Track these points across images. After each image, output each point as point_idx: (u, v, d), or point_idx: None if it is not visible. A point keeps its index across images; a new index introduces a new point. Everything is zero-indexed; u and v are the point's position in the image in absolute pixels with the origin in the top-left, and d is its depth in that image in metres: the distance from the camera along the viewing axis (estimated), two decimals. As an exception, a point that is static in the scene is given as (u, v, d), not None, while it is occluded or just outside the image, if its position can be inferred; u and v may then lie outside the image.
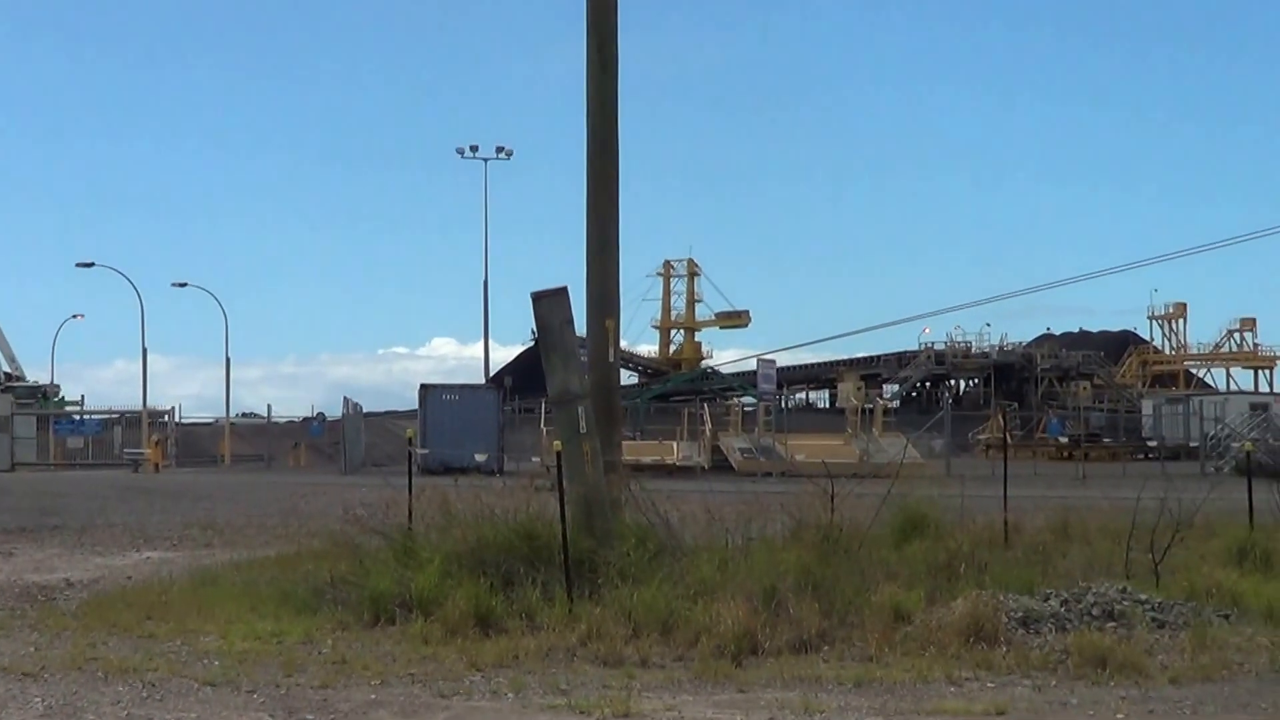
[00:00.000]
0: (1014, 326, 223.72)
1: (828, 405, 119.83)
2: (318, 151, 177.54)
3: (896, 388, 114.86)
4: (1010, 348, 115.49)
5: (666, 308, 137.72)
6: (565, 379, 17.15)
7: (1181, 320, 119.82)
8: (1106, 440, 79.93)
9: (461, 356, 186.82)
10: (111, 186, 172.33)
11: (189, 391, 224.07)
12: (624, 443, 21.90)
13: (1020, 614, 14.72)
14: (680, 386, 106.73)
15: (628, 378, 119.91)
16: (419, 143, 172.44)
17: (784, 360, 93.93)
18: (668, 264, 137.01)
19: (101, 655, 13.86)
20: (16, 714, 11.41)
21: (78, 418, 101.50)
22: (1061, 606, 15.05)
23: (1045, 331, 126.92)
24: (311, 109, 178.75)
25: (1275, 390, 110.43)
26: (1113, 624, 14.66)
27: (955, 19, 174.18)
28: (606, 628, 14.07)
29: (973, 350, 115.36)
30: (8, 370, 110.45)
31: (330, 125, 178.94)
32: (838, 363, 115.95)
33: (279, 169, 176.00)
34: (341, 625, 15.25)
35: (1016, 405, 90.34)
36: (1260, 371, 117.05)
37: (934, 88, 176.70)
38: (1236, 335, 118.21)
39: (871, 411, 69.53)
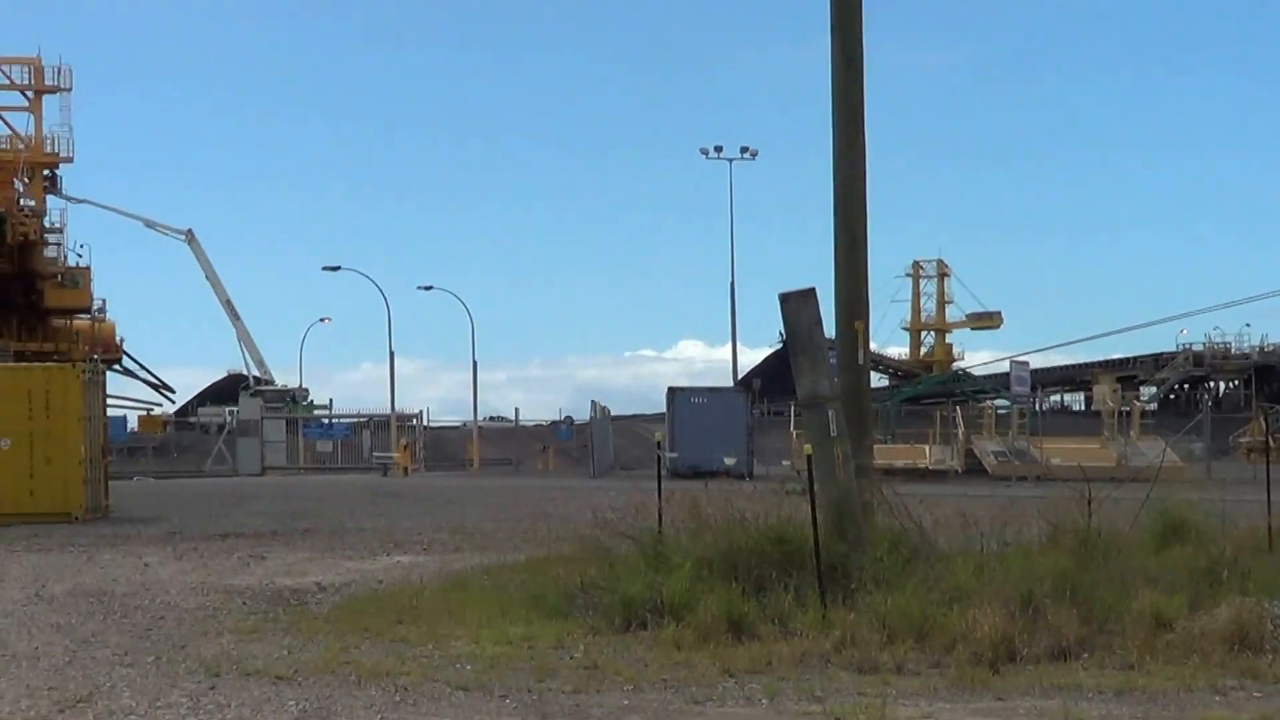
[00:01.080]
0: (1276, 327, 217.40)
1: (1083, 408, 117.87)
2: (563, 154, 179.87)
3: (1153, 390, 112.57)
4: (1272, 348, 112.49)
5: (916, 309, 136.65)
6: (814, 381, 17.13)
7: None
8: (1378, 443, 76.88)
9: (709, 359, 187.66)
10: (358, 189, 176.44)
11: (436, 395, 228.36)
12: (875, 446, 21.78)
13: (1287, 622, 14.33)
14: (931, 389, 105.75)
15: (878, 380, 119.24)
16: (664, 143, 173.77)
17: (1037, 362, 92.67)
18: (917, 265, 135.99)
19: (354, 659, 14.11)
20: (272, 716, 11.66)
21: (326, 421, 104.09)
22: (1331, 615, 14.61)
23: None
24: (557, 111, 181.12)
25: None
26: (1387, 633, 14.18)
27: None
28: (860, 634, 14.02)
29: (1233, 351, 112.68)
30: (257, 374, 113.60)
31: (576, 127, 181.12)
32: (1092, 364, 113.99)
33: (525, 172, 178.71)
34: (593, 630, 15.37)
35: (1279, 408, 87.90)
36: None
37: (1193, 68, 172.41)
38: None
39: (1128, 414, 68.29)
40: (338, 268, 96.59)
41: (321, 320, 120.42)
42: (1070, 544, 16.54)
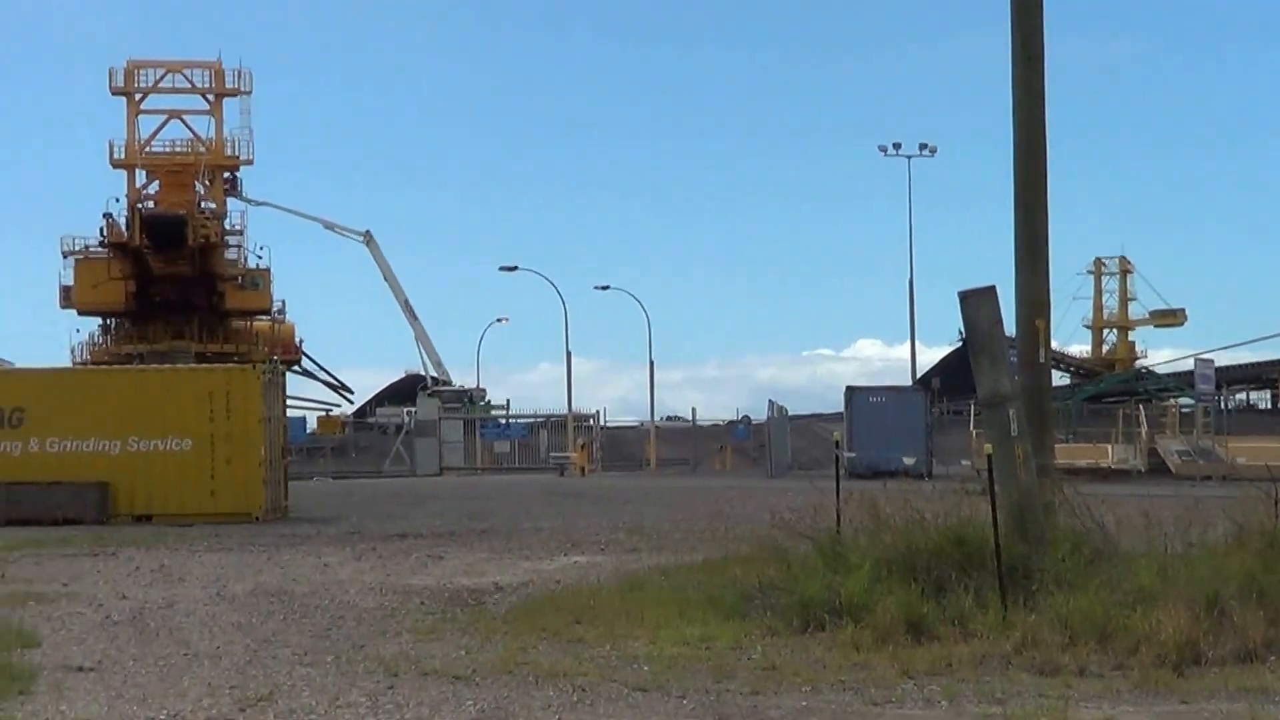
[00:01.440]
0: None
1: (1269, 406, 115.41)
2: (740, 152, 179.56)
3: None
4: None
5: (1098, 306, 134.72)
6: (995, 380, 16.99)
7: None
8: None
9: (887, 358, 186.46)
10: (535, 189, 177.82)
11: (613, 394, 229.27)
12: (1056, 445, 21.56)
13: None
14: (1114, 387, 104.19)
15: (1059, 379, 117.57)
16: (841, 140, 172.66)
17: (1222, 359, 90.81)
18: (1099, 261, 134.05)
19: (531, 659, 14.19)
20: (450, 716, 11.77)
21: (504, 422, 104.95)
22: None
23: None
24: (733, 108, 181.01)
25: None
26: None
27: None
28: (1042, 635, 13.88)
29: None
30: (434, 375, 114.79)
31: (752, 124, 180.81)
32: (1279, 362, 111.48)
33: (701, 170, 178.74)
34: (770, 631, 15.36)
35: None
36: None
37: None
38: None
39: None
40: (515, 268, 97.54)
41: (499, 320, 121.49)
42: (1257, 545, 16.20)
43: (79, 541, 29.78)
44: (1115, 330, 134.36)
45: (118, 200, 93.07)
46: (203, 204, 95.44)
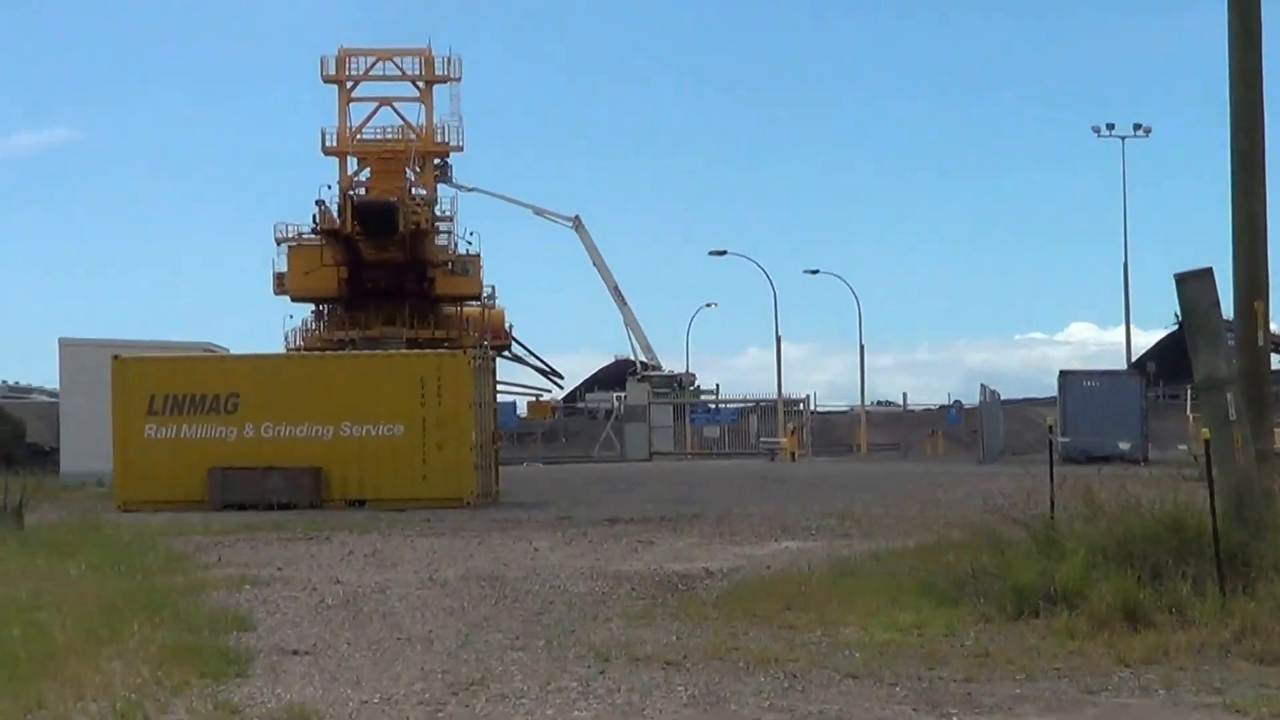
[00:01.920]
0: None
1: None
2: (949, 133, 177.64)
3: None
4: None
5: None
6: (1212, 364, 16.69)
7: None
8: None
9: (1101, 341, 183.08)
10: (744, 172, 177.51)
11: (823, 379, 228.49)
12: (1276, 430, 21.11)
13: None
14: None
15: (1278, 362, 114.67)
16: (1053, 120, 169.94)
17: None
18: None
19: (742, 645, 14.27)
20: (661, 702, 11.89)
21: (713, 407, 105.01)
22: None
23: None
24: (942, 85, 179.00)
25: None
26: None
27: None
28: (1262, 623, 13.64)
29: None
30: (644, 360, 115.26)
31: (963, 103, 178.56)
32: None
33: (910, 153, 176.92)
34: (983, 618, 15.28)
35: None
36: None
37: None
38: None
39: None
40: (724, 252, 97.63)
41: (708, 305, 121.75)
42: None
43: (293, 526, 30.50)
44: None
45: (330, 188, 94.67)
46: (413, 190, 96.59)
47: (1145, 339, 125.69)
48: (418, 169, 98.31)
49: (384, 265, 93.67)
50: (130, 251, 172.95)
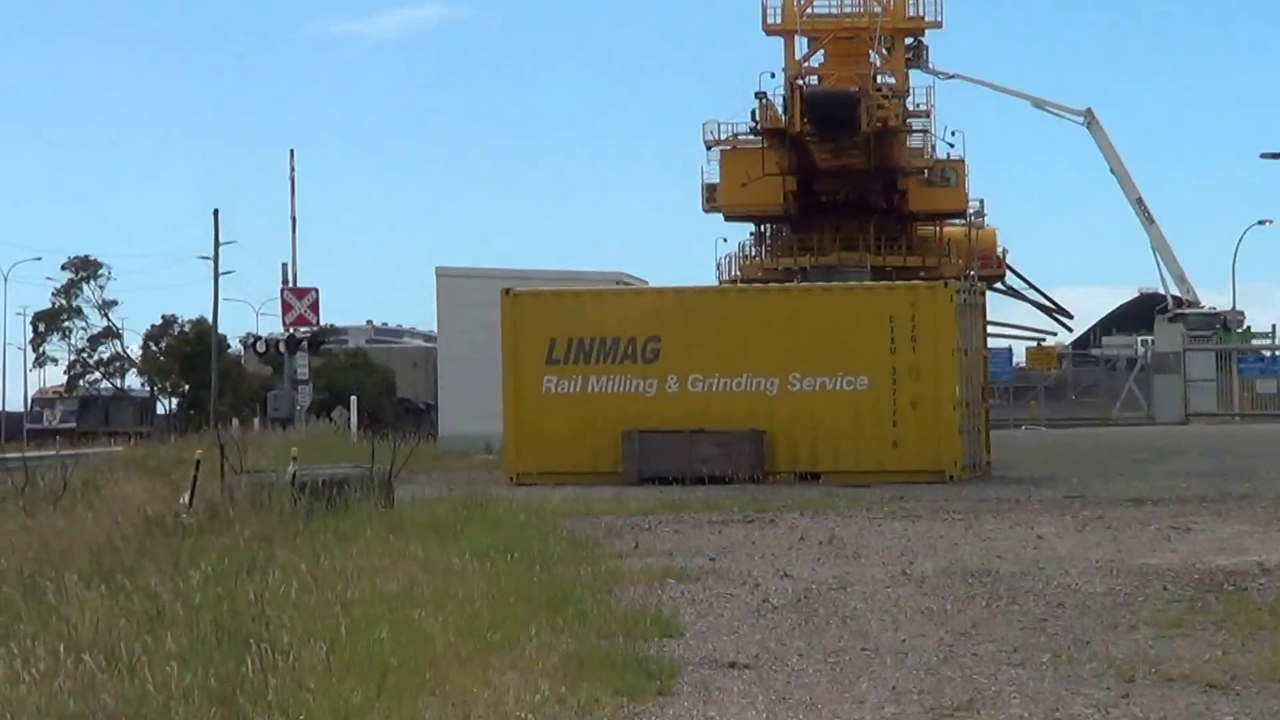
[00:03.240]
0: None
1: None
2: None
3: None
4: None
5: None
6: None
7: None
8: None
9: None
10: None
11: None
12: None
13: None
14: None
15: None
16: None
17: None
18: None
19: (1313, 664, 13.93)
20: (1207, 735, 11.67)
21: (1267, 354, 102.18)
22: None
23: None
24: None
25: None
26: None
27: None
28: None
29: None
30: (1176, 293, 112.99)
31: None
32: None
33: None
34: None
35: None
36: None
37: None
38: None
39: None
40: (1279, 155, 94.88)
41: (1260, 223, 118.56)
42: None
43: (729, 505, 30.83)
44: None
45: (773, 76, 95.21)
46: (879, 78, 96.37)
47: None
48: (884, 51, 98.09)
49: (842, 174, 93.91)
50: (519, 162, 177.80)
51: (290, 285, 66.89)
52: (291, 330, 62.91)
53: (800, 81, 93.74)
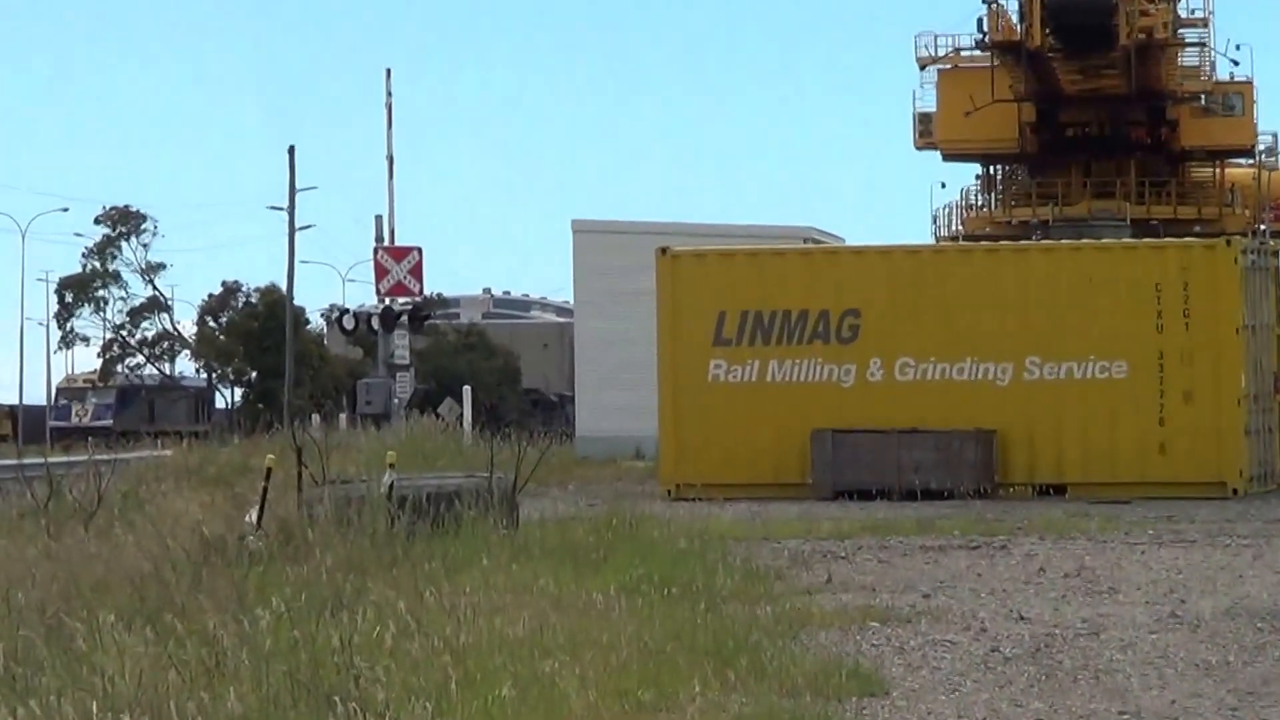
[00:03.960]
0: None
1: None
2: None
3: None
4: None
5: None
6: None
7: None
8: None
9: None
10: None
11: None
12: None
13: None
14: None
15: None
16: None
17: None
18: None
19: None
20: None
21: None
22: None
23: None
24: None
25: None
26: None
27: None
28: None
29: None
30: None
31: None
32: None
33: None
34: None
35: None
36: None
37: None
38: None
39: None
40: None
41: None
42: None
43: (947, 526, 30.82)
44: None
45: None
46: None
47: None
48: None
49: (1093, 100, 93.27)
50: (676, 94, 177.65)
51: (386, 244, 66.73)
52: (388, 302, 63.04)
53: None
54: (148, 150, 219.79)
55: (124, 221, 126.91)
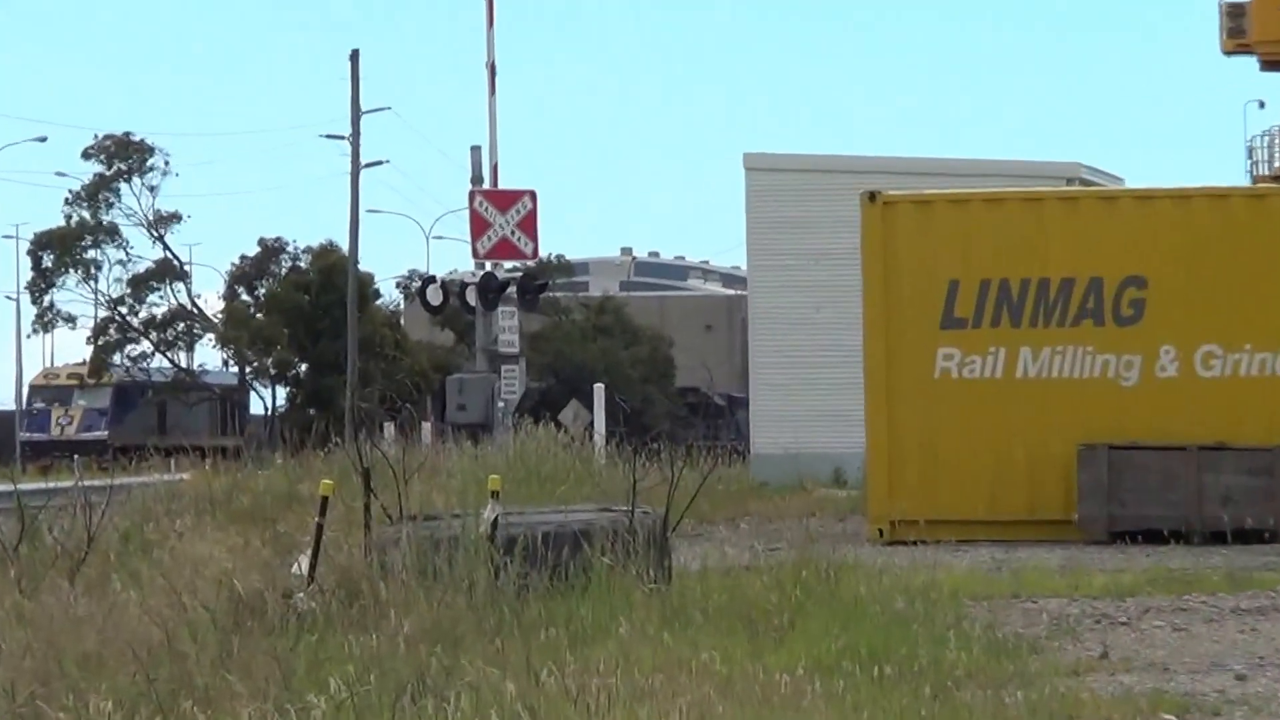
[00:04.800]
0: None
1: None
2: None
3: None
4: None
5: None
6: None
7: None
8: None
9: None
10: None
11: None
12: None
13: None
14: None
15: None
16: None
17: None
18: None
19: None
20: None
21: None
22: None
23: None
24: None
25: None
26: None
27: None
28: None
29: None
30: None
31: None
32: None
33: None
34: None
35: None
36: None
37: None
38: None
39: None
40: None
41: None
42: None
43: (1271, 579, 30.77)
44: None
45: None
46: None
47: None
48: None
49: None
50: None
51: (487, 186, 65.91)
52: (488, 267, 62.87)
53: None
54: (153, 62, 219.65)
55: (123, 156, 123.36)
